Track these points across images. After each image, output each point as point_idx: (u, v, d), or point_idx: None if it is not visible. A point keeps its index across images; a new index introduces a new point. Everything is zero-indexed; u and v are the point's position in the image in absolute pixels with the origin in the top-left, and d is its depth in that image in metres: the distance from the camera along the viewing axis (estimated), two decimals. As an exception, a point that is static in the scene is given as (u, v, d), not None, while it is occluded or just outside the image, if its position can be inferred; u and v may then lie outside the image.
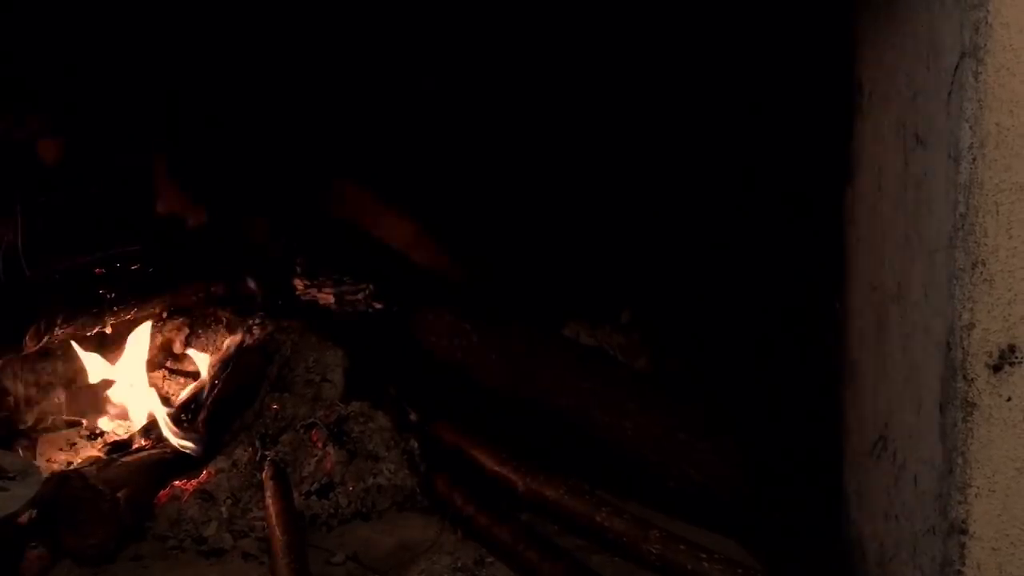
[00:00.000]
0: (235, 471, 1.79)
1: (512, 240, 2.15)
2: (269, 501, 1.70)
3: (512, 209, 2.15)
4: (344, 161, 2.16)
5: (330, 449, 1.83)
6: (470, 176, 2.14)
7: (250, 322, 2.14)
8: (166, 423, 1.89)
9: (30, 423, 2.00)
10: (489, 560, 1.63)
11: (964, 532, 1.11)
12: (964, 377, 1.09)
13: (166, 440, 1.88)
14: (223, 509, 1.73)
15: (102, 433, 2.00)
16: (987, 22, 1.04)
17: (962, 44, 1.07)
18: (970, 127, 1.06)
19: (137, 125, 2.07)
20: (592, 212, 2.12)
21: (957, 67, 1.08)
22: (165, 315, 2.19)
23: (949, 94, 1.10)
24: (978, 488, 1.10)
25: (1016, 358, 1.08)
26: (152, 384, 2.06)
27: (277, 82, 2.09)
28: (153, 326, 2.14)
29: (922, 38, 1.20)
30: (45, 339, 1.89)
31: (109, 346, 2.04)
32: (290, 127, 2.13)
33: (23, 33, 1.84)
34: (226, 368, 2.01)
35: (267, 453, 1.82)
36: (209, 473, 1.79)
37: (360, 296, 2.16)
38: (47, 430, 2.00)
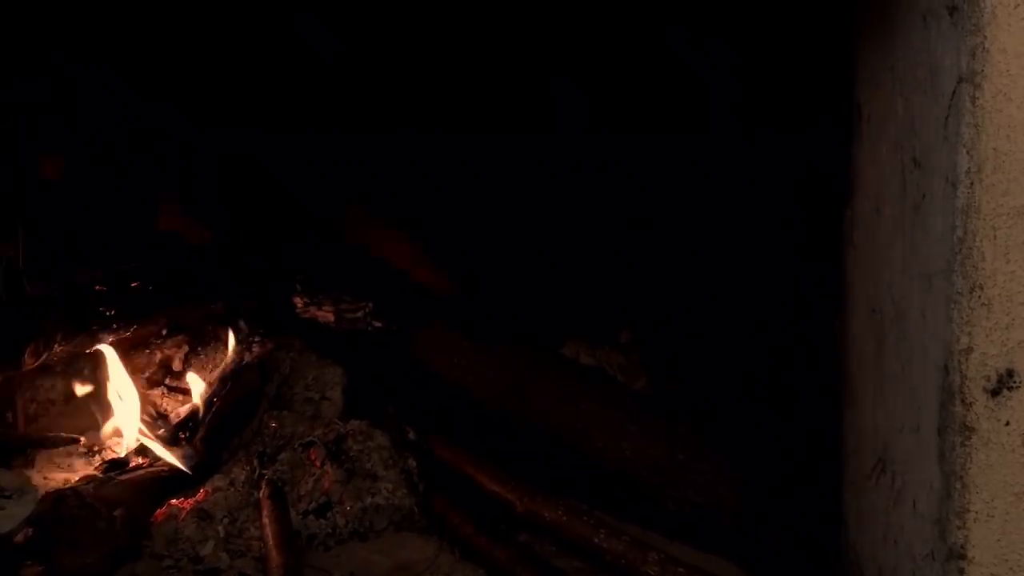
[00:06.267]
0: (232, 490, 1.79)
1: (512, 259, 2.16)
2: (266, 520, 1.69)
3: (512, 228, 2.15)
4: (345, 180, 2.17)
5: (328, 468, 1.82)
6: (470, 195, 2.14)
7: (249, 339, 2.13)
8: (163, 441, 1.88)
9: (27, 440, 1.99)
10: (487, 581, 1.63)
11: (963, 557, 1.11)
12: (962, 401, 1.09)
13: (163, 458, 1.87)
14: (220, 528, 1.72)
15: (100, 450, 2.00)
16: (984, 48, 1.05)
17: (959, 69, 1.07)
18: (967, 152, 1.06)
19: (140, 142, 2.08)
20: (592, 233, 2.12)
21: (954, 92, 1.08)
22: (165, 332, 2.19)
23: (946, 119, 1.11)
24: (976, 513, 1.10)
25: (1014, 382, 1.08)
26: (151, 401, 2.06)
27: (281, 98, 2.09)
28: (152, 343, 2.14)
29: (920, 63, 1.20)
30: (44, 356, 1.89)
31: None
32: (293, 145, 2.13)
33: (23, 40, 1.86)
34: (225, 386, 2.00)
35: (265, 472, 1.81)
36: (206, 492, 1.79)
37: (360, 314, 2.16)
38: (44, 447, 1.99)
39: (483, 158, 2.12)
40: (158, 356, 2.17)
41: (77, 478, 1.88)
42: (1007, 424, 1.09)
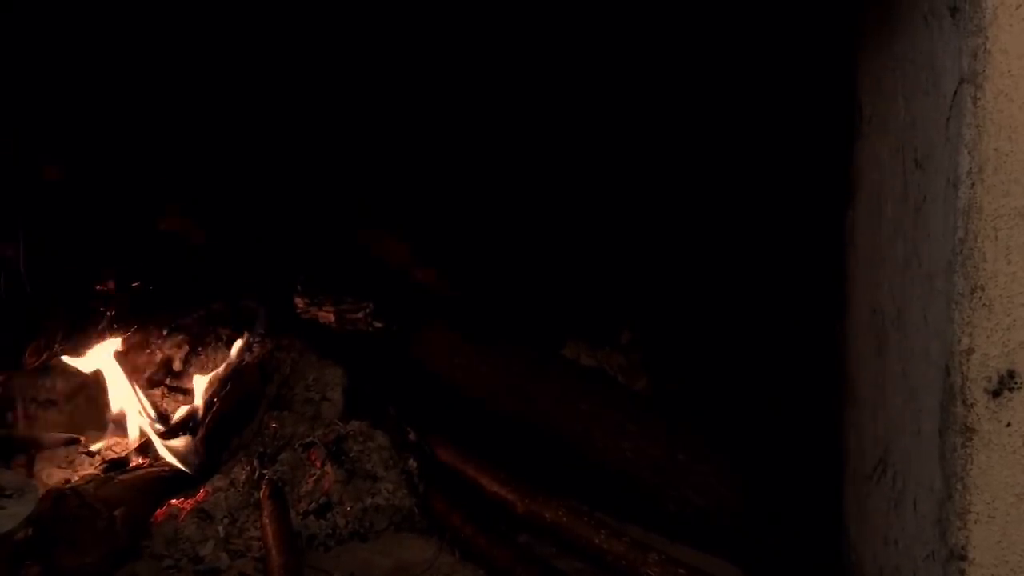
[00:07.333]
0: (233, 490, 1.79)
1: (513, 260, 2.15)
2: (266, 521, 1.69)
3: (514, 229, 2.15)
4: (345, 180, 2.17)
5: (328, 468, 1.82)
6: (472, 196, 2.14)
7: (250, 340, 2.13)
8: (163, 441, 1.88)
9: (28, 440, 1.99)
10: (487, 582, 1.63)
11: (963, 558, 1.11)
12: (963, 402, 1.09)
13: (164, 458, 1.87)
14: (220, 528, 1.72)
15: (100, 450, 2.00)
16: (985, 48, 1.05)
17: (961, 70, 1.07)
18: (969, 152, 1.06)
19: (140, 142, 2.08)
20: (593, 234, 2.12)
21: (956, 93, 1.08)
22: (165, 332, 2.19)
23: (948, 119, 1.10)
24: (977, 514, 1.10)
25: (1015, 383, 1.08)
26: (151, 401, 2.06)
27: (280, 101, 2.09)
28: (152, 343, 2.14)
29: (921, 64, 1.20)
30: (45, 355, 1.89)
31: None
32: (292, 148, 2.13)
33: (25, 49, 1.86)
34: (225, 386, 2.00)
35: (265, 472, 1.81)
36: (207, 492, 1.79)
37: (360, 315, 2.15)
38: (45, 447, 1.99)
39: (483, 158, 2.12)
40: (158, 356, 2.17)
41: (77, 478, 1.88)
42: (1008, 425, 1.09)
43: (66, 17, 1.91)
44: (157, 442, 1.89)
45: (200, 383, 2.04)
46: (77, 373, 1.99)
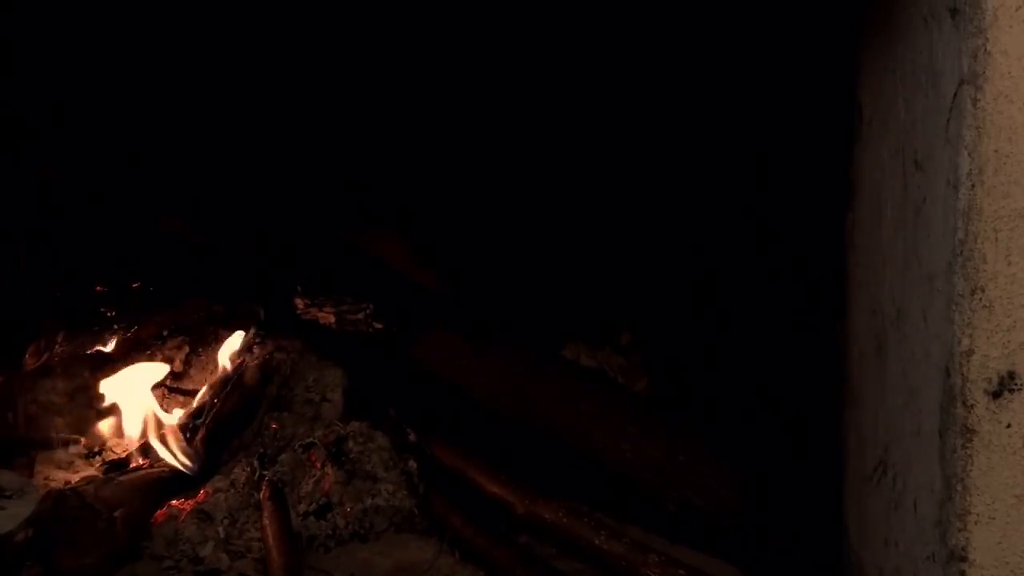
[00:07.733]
0: (233, 491, 1.79)
1: (514, 261, 2.16)
2: (266, 521, 1.69)
3: (514, 230, 2.16)
4: (346, 181, 2.17)
5: (328, 469, 1.82)
6: (472, 197, 2.14)
7: (250, 341, 2.13)
8: (163, 442, 1.88)
9: (28, 440, 1.99)
10: (487, 583, 1.63)
11: (964, 560, 1.11)
12: (963, 403, 1.09)
13: (164, 459, 1.88)
14: (220, 529, 1.72)
15: (100, 451, 2.00)
16: (986, 49, 1.05)
17: (961, 71, 1.07)
18: (969, 154, 1.06)
19: (140, 142, 2.08)
20: (593, 235, 2.13)
21: (956, 94, 1.08)
22: (165, 333, 2.20)
23: (948, 121, 1.11)
24: (978, 515, 1.10)
25: (1015, 384, 1.08)
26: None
27: (280, 99, 2.10)
28: (152, 344, 2.14)
29: (921, 65, 1.20)
30: (45, 356, 1.89)
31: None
32: (293, 148, 2.13)
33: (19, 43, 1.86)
34: (225, 387, 2.00)
35: (265, 473, 1.81)
36: (207, 492, 1.79)
37: (361, 316, 2.15)
38: (45, 448, 1.99)
39: (484, 160, 2.12)
40: (158, 357, 2.17)
41: (77, 478, 1.88)
42: (1008, 426, 1.09)
43: (67, 17, 1.92)
44: (157, 443, 1.89)
45: (200, 384, 2.04)
46: (77, 373, 1.99)
